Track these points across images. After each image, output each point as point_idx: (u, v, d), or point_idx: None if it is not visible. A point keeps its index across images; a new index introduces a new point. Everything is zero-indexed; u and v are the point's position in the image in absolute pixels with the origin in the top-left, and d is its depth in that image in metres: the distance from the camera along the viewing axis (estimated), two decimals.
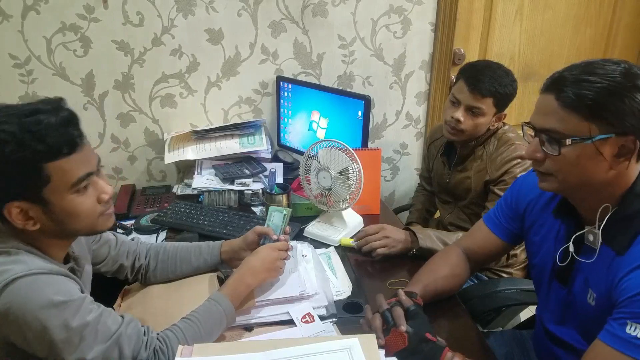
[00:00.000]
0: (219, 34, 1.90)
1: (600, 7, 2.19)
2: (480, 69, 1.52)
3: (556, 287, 1.08)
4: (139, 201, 1.87)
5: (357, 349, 1.00)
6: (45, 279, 0.88)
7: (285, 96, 1.97)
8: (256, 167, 1.87)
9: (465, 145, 1.63)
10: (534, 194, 1.14)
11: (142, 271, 1.27)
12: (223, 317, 1.07)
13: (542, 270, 1.11)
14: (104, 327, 0.91)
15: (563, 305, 1.07)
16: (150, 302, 1.22)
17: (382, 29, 2.02)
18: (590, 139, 0.86)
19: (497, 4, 2.09)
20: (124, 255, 1.24)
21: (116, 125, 1.96)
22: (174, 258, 1.28)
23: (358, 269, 1.39)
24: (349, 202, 1.52)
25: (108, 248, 1.21)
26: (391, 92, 2.14)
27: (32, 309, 0.84)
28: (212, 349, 1.05)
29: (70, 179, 0.90)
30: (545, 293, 1.12)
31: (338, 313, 1.19)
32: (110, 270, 1.23)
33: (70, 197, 0.91)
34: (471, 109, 1.53)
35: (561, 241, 1.04)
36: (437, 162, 1.78)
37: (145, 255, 1.28)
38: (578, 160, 0.89)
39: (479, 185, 1.60)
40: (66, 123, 0.88)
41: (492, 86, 1.49)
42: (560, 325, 1.09)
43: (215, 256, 1.30)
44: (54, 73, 1.83)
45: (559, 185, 0.95)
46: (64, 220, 0.92)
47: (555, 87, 0.89)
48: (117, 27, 1.81)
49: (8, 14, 1.72)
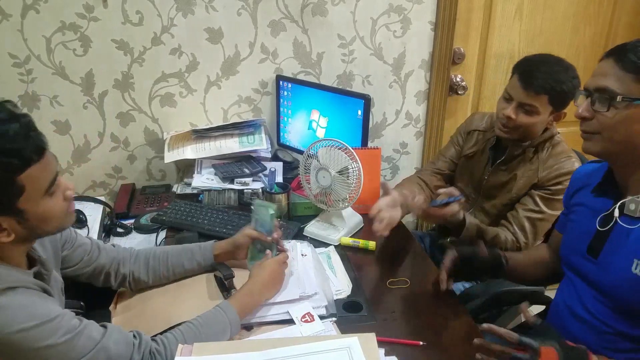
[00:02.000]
0: (219, 33, 1.90)
1: (600, 6, 2.19)
2: (535, 64, 1.40)
3: (585, 261, 1.11)
4: (139, 200, 1.87)
5: (357, 348, 1.01)
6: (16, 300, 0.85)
7: (284, 95, 1.97)
8: (256, 167, 1.87)
9: (519, 145, 1.51)
10: (583, 182, 1.19)
11: (129, 278, 1.24)
12: (227, 326, 1.06)
13: (574, 245, 1.14)
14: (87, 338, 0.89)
15: (595, 278, 1.08)
16: (148, 304, 1.22)
17: (382, 28, 2.02)
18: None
19: (497, 4, 2.09)
20: (100, 258, 1.20)
21: (116, 124, 1.95)
22: (165, 263, 1.26)
23: (358, 268, 1.39)
24: (349, 201, 1.52)
25: (83, 252, 1.18)
26: (391, 91, 2.14)
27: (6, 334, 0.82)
28: (212, 348, 1.05)
29: (44, 185, 0.88)
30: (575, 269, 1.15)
31: (338, 312, 1.19)
32: (85, 274, 1.19)
33: (44, 202, 0.89)
34: (524, 107, 1.41)
35: (599, 213, 1.08)
36: (479, 156, 1.64)
37: (131, 261, 1.25)
38: (625, 120, 0.96)
39: (523, 188, 1.50)
40: (29, 128, 0.85)
41: (547, 83, 1.37)
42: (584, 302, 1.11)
43: (209, 258, 1.29)
44: (54, 72, 1.83)
45: (603, 145, 1.01)
46: (38, 225, 0.91)
47: (617, 52, 0.98)
48: (117, 26, 1.81)
49: (7, 13, 1.71)
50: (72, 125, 1.91)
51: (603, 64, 1.00)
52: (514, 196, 1.52)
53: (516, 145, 1.52)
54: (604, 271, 1.06)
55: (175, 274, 1.27)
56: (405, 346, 1.10)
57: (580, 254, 1.12)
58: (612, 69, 0.97)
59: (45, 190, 0.89)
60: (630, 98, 0.95)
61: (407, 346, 1.10)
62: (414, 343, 1.10)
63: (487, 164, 1.61)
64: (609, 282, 1.05)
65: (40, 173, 0.87)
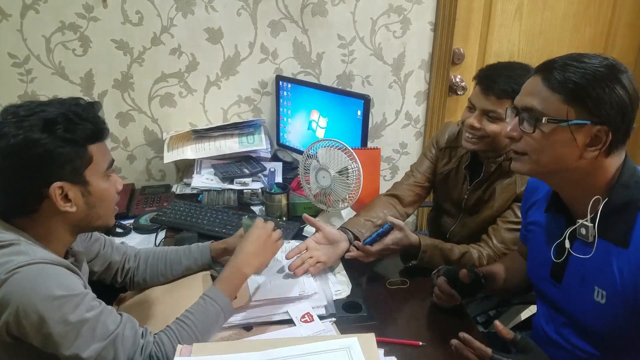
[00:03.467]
0: (219, 34, 1.90)
1: (600, 6, 2.19)
2: (496, 69, 1.35)
3: (550, 286, 1.07)
4: (138, 200, 1.87)
5: (357, 348, 1.00)
6: (49, 269, 0.88)
7: (284, 95, 1.97)
8: (255, 167, 1.87)
9: (493, 160, 1.44)
10: (535, 197, 1.15)
11: (130, 274, 1.26)
12: (220, 314, 1.06)
13: (537, 270, 1.11)
14: (102, 325, 0.91)
15: (560, 304, 1.06)
16: (147, 307, 1.21)
17: (382, 28, 2.02)
18: (566, 121, 0.89)
19: (497, 4, 2.09)
20: (114, 254, 1.23)
21: (115, 124, 1.95)
22: (163, 260, 1.28)
23: (357, 269, 1.39)
24: (348, 202, 1.52)
25: (99, 246, 1.21)
26: (390, 91, 2.14)
27: (32, 300, 0.84)
28: (211, 348, 1.05)
29: (105, 163, 0.98)
30: (542, 294, 1.12)
31: (337, 312, 1.19)
32: (99, 270, 1.22)
33: (103, 181, 0.98)
34: (487, 114, 1.34)
35: (553, 238, 1.04)
36: (454, 174, 1.57)
37: (135, 258, 1.27)
38: (551, 142, 0.91)
39: (504, 203, 1.43)
40: (98, 112, 0.99)
41: (508, 86, 1.29)
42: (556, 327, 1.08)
43: (206, 255, 1.29)
44: (53, 72, 1.83)
45: (532, 167, 0.97)
46: (96, 204, 0.98)
47: (544, 69, 0.93)
48: (117, 26, 1.81)
49: (7, 13, 1.72)
50: None
51: (531, 81, 0.95)
52: (496, 212, 1.46)
53: (491, 162, 1.45)
54: (567, 297, 1.03)
55: (173, 271, 1.28)
56: (404, 346, 1.10)
57: (545, 278, 1.08)
58: (538, 88, 0.92)
59: (105, 170, 0.98)
60: (556, 120, 0.89)
61: (406, 346, 1.10)
62: (413, 343, 1.10)
63: (464, 182, 1.54)
64: (575, 308, 1.02)
65: (104, 150, 0.98)
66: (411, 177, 1.65)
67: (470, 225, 1.55)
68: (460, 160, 1.55)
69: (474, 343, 0.94)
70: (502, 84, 1.30)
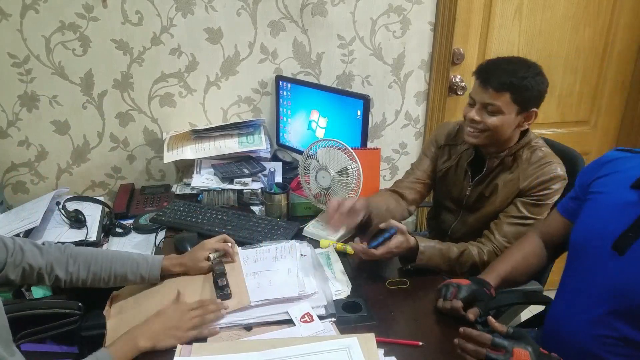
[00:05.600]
0: (218, 33, 1.90)
1: (599, 7, 2.19)
2: (495, 63, 1.38)
3: (607, 259, 1.05)
4: (138, 200, 1.87)
5: (356, 348, 1.01)
6: None
7: (284, 95, 1.97)
8: (255, 167, 1.87)
9: (496, 156, 1.46)
10: (611, 169, 1.15)
11: (65, 279, 1.18)
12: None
13: (592, 240, 1.10)
14: None
15: (617, 279, 1.04)
16: (142, 305, 1.21)
17: (382, 28, 2.02)
18: None
19: (496, 4, 2.09)
20: (30, 259, 1.13)
21: (115, 124, 1.95)
22: (107, 271, 1.20)
23: (357, 269, 1.39)
24: None
25: (4, 255, 1.11)
26: (390, 91, 2.14)
27: None
28: (211, 348, 1.05)
29: None
30: (590, 270, 1.10)
31: (337, 312, 1.19)
32: (16, 278, 1.13)
33: None
34: (486, 107, 1.37)
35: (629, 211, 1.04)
36: (454, 171, 1.59)
37: (70, 262, 1.18)
38: None
39: (506, 199, 1.46)
40: None
41: (506, 79, 1.32)
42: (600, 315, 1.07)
43: (155, 274, 1.25)
44: (53, 72, 1.82)
45: None
46: None
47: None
48: (116, 26, 1.81)
49: (7, 13, 1.71)
50: (71, 125, 1.91)
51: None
52: (498, 207, 1.48)
53: (494, 157, 1.47)
54: (628, 271, 1.01)
55: (117, 282, 1.23)
56: (404, 346, 1.10)
57: (602, 248, 1.06)
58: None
59: None
60: None
61: (406, 346, 1.10)
62: (413, 343, 1.10)
63: (465, 178, 1.55)
64: (634, 282, 1.00)
65: None
66: (412, 174, 1.67)
67: (471, 221, 1.56)
68: (460, 157, 1.57)
69: (473, 333, 0.98)
70: (500, 77, 1.33)
